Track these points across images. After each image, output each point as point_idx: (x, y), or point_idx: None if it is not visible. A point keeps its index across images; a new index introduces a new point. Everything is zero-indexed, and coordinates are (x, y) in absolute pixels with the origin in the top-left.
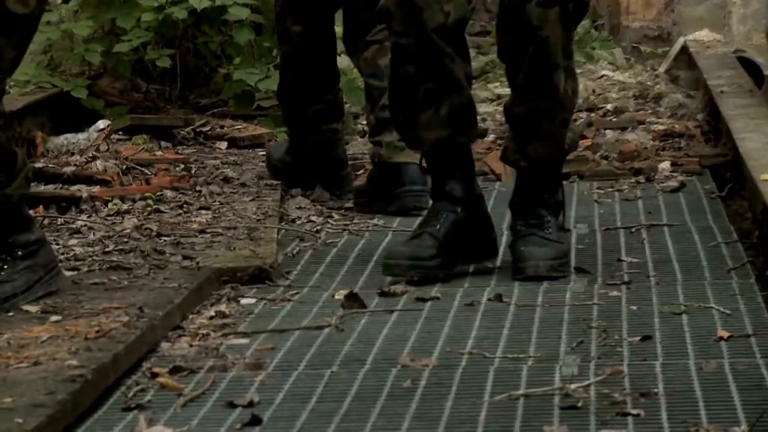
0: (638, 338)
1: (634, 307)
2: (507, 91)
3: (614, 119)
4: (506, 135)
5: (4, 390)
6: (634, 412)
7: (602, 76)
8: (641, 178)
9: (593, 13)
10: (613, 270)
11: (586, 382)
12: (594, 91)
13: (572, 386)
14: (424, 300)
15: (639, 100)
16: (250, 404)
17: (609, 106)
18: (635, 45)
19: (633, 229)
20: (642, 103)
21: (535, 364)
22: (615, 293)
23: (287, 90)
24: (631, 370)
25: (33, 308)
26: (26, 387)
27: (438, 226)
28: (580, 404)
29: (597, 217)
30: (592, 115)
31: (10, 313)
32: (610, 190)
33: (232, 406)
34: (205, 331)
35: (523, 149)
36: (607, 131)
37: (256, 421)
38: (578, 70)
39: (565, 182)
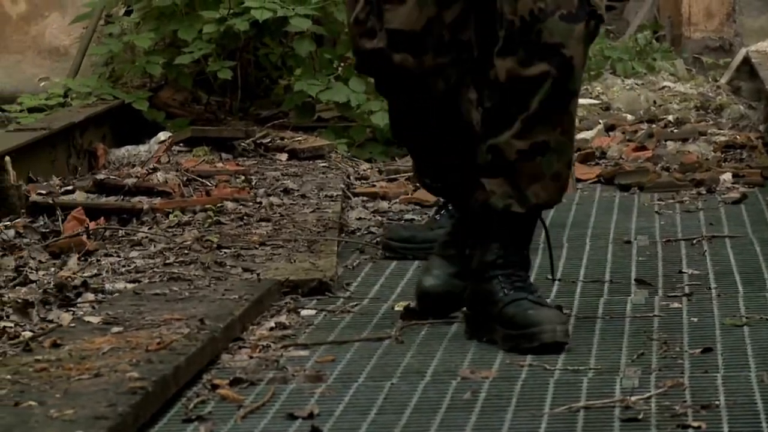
0: (699, 350)
1: (695, 319)
2: None
3: (675, 130)
4: (486, 180)
5: (65, 402)
6: (695, 424)
7: (663, 87)
8: (702, 190)
9: (655, 23)
10: (674, 282)
11: (647, 395)
12: (655, 102)
13: (633, 398)
14: None
15: (700, 111)
16: (310, 416)
17: (670, 117)
18: (697, 56)
19: (694, 241)
20: (703, 115)
21: (596, 376)
22: (676, 305)
23: None
24: (692, 382)
25: (95, 319)
26: (87, 399)
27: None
28: (640, 416)
29: (658, 229)
30: (654, 126)
31: (73, 324)
32: (671, 201)
33: (292, 417)
34: (265, 343)
35: (521, 193)
36: (669, 142)
37: None
38: (639, 82)
39: (625, 194)
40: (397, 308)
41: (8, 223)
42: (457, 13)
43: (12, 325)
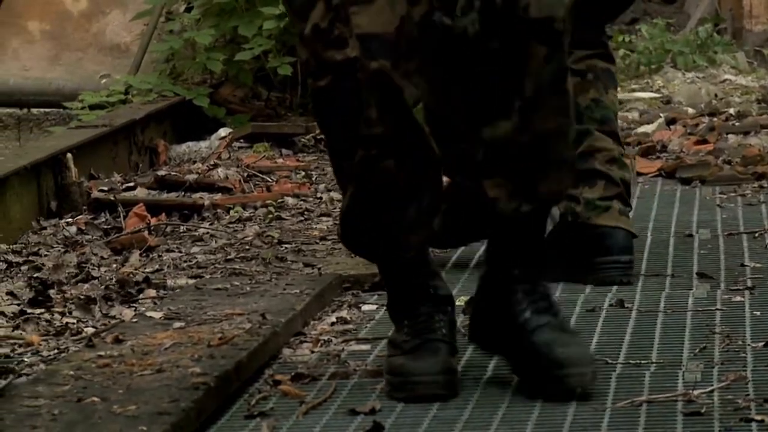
0: (762, 344)
1: (758, 313)
2: (629, 96)
3: (737, 123)
4: (485, 182)
5: (128, 397)
6: (758, 417)
7: (724, 80)
8: (764, 183)
9: (716, 16)
10: (736, 275)
11: (710, 388)
12: (716, 95)
13: (695, 392)
14: None
15: (762, 104)
16: (372, 411)
17: (731, 111)
18: (758, 48)
19: (756, 234)
20: (765, 107)
21: (658, 370)
22: (738, 298)
23: None
24: (755, 375)
25: (156, 315)
26: (150, 395)
27: (444, 331)
28: (703, 410)
29: (720, 222)
30: (715, 119)
31: (135, 320)
32: (733, 194)
33: (354, 413)
34: (326, 338)
35: (532, 189)
36: (730, 136)
37: (378, 428)
38: (700, 75)
39: (686, 187)
40: (458, 303)
41: (70, 219)
42: (426, 8)
43: (74, 321)
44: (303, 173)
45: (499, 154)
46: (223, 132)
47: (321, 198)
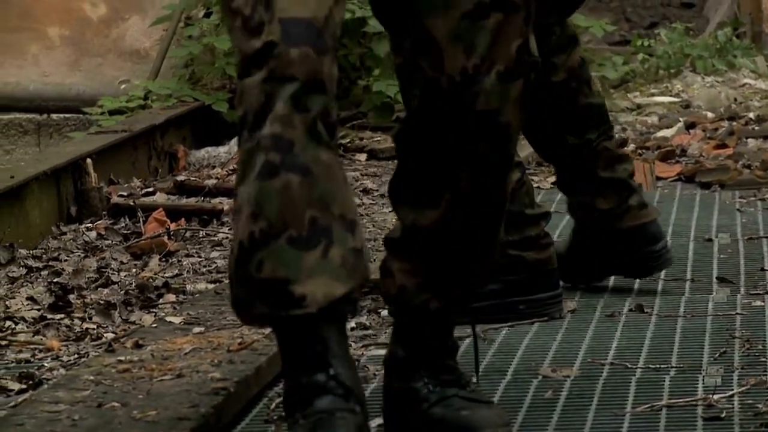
0: None
1: None
2: (648, 100)
3: (756, 128)
4: (395, 263)
5: (148, 402)
6: None
7: (744, 84)
8: None
9: (735, 20)
10: (756, 279)
11: (730, 393)
12: (736, 99)
13: (715, 397)
14: (563, 312)
15: None
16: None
17: (751, 115)
18: None
19: None
20: None
21: (678, 374)
22: (758, 303)
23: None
24: None
25: (176, 320)
26: (170, 400)
27: None
28: (723, 415)
29: (739, 227)
30: (734, 123)
31: (154, 325)
32: (753, 199)
33: (373, 417)
34: None
35: (443, 285)
36: (749, 140)
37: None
38: (720, 79)
39: (706, 191)
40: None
41: (90, 225)
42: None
43: (94, 326)
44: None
45: (416, 242)
46: None
47: None
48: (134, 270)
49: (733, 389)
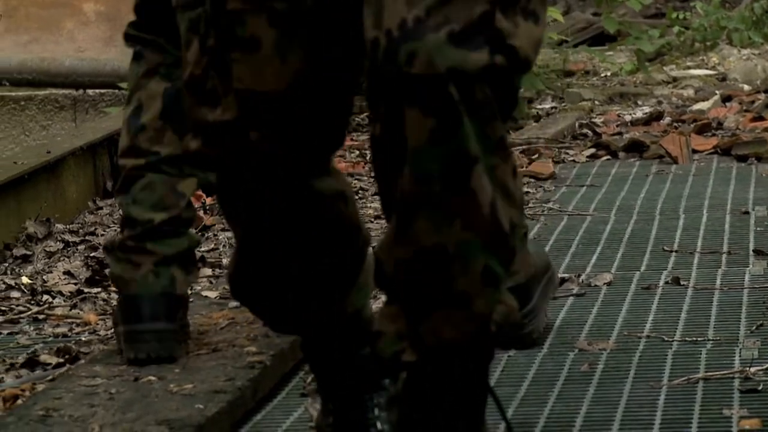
0: None
1: None
2: (684, 73)
3: None
4: (378, 310)
5: (185, 376)
6: None
7: None
8: None
9: None
10: None
11: (766, 365)
12: None
13: (752, 369)
14: (599, 285)
15: None
16: None
17: None
18: None
19: None
20: None
21: (714, 347)
22: None
23: None
24: None
25: (212, 294)
26: (206, 373)
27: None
28: (760, 387)
29: None
30: None
31: (191, 300)
32: None
33: None
34: None
35: (413, 330)
36: None
37: None
38: (756, 52)
39: (742, 164)
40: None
41: None
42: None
43: None
44: (357, 152)
45: (380, 270)
46: None
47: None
48: None
49: None
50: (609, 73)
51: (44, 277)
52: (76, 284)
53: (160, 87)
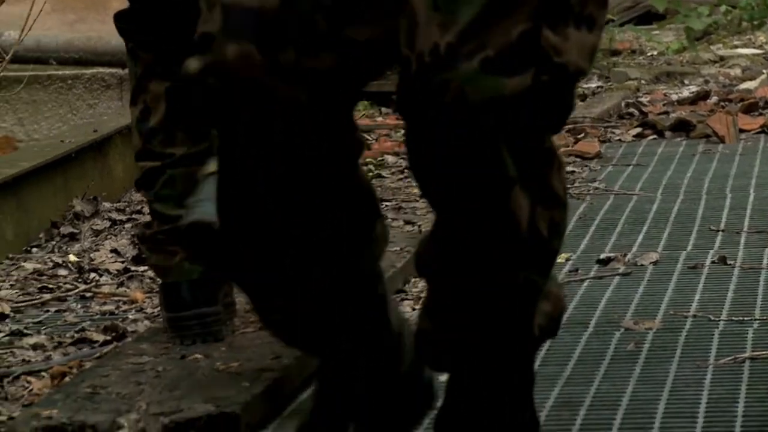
0: None
1: None
2: (732, 52)
3: None
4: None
5: (231, 355)
6: None
7: None
8: None
9: None
10: None
11: None
12: None
13: None
14: (645, 264)
15: None
16: None
17: None
18: None
19: None
20: None
21: (761, 326)
22: None
23: None
24: None
25: None
26: (252, 352)
27: None
28: None
29: None
30: None
31: None
32: None
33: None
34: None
35: (454, 336)
36: None
37: None
38: None
39: None
40: (558, 260)
41: None
42: None
43: None
44: (403, 131)
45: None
46: None
47: None
48: None
49: None
50: (655, 52)
51: (91, 255)
52: (122, 262)
53: (161, 88)
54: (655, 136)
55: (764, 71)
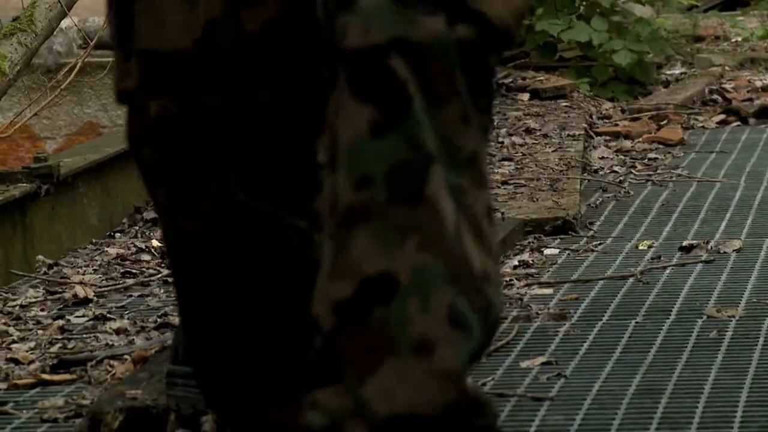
0: None
1: None
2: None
3: None
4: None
5: None
6: None
7: None
8: None
9: None
10: None
11: None
12: None
13: None
14: (728, 252)
15: None
16: (555, 355)
17: None
18: None
19: None
20: None
21: None
22: None
23: None
24: None
25: None
26: None
27: None
28: None
29: None
30: None
31: None
32: None
33: (536, 356)
34: (509, 280)
35: (356, 394)
36: None
37: (560, 371)
38: None
39: None
40: (641, 247)
41: None
42: (274, 11)
43: None
44: None
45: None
46: None
47: (503, 142)
48: None
49: None
50: (740, 39)
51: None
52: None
53: None
54: (738, 123)
55: None
